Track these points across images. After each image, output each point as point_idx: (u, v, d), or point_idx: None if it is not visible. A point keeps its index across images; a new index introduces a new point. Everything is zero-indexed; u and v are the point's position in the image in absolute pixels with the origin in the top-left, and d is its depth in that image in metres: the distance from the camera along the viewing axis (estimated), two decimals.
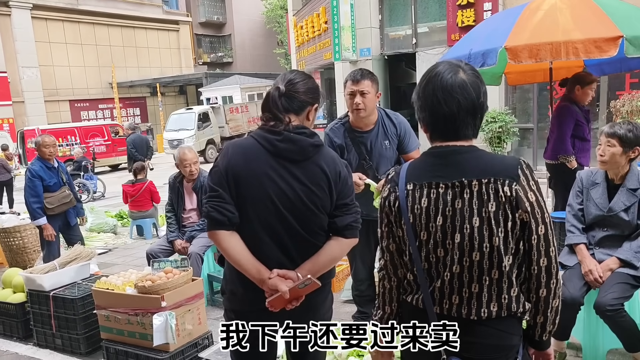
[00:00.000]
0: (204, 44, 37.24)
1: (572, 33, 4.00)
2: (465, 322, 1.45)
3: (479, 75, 1.48)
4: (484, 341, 1.45)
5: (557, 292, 1.45)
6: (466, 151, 1.47)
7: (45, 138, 5.10)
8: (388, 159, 3.26)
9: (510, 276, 1.42)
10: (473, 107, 1.45)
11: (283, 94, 1.87)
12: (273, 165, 1.83)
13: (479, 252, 1.41)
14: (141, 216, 7.66)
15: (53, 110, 25.10)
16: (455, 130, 1.47)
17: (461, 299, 1.45)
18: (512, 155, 1.45)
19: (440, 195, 1.45)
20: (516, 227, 1.40)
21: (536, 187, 1.42)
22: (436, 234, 1.46)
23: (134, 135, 10.93)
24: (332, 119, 15.64)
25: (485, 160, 1.45)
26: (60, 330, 3.76)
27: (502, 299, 1.43)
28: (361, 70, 3.18)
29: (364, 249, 3.40)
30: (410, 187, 1.50)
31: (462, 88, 1.43)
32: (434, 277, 1.49)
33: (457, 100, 1.43)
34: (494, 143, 9.83)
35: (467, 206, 1.42)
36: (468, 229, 1.42)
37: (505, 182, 1.39)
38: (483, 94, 1.47)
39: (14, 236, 6.19)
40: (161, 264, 3.59)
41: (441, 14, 11.75)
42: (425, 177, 1.49)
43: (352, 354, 3.10)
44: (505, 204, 1.39)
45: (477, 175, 1.41)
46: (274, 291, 1.78)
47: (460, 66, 1.47)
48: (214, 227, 1.83)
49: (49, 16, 25.26)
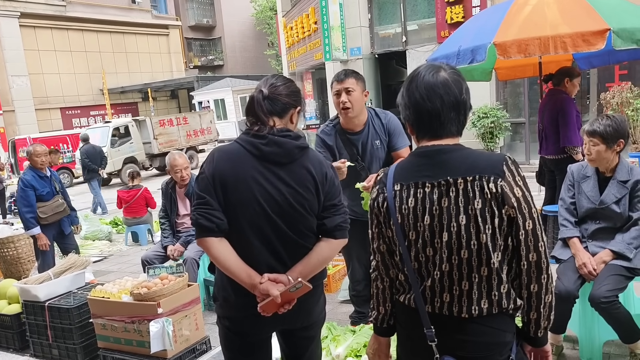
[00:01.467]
0: (195, 47, 37.18)
1: (560, 27, 4.02)
2: (457, 320, 1.45)
3: (460, 74, 1.52)
4: (476, 339, 1.45)
5: (549, 287, 1.45)
6: (452, 150, 1.48)
7: (36, 147, 5.08)
8: (380, 158, 3.26)
9: (500, 273, 1.42)
10: (456, 103, 1.47)
11: (266, 97, 1.88)
12: (259, 169, 1.83)
13: (467, 250, 1.42)
14: (136, 222, 7.64)
15: (44, 119, 24.96)
16: (440, 127, 1.48)
17: (452, 297, 1.45)
18: (498, 152, 1.47)
19: (426, 194, 1.46)
20: (503, 224, 1.41)
21: (522, 182, 1.43)
22: (424, 233, 1.47)
23: (88, 146, 11.34)
24: (324, 119, 15.66)
25: (471, 158, 1.45)
26: (56, 340, 3.74)
27: (493, 296, 1.43)
28: (345, 70, 3.21)
29: (360, 249, 3.41)
30: (398, 188, 1.51)
31: (444, 85, 1.47)
32: (425, 276, 1.49)
33: (440, 96, 1.46)
34: (487, 138, 9.87)
35: (453, 204, 1.42)
36: (455, 227, 1.42)
37: (491, 178, 1.40)
38: (465, 91, 1.50)
39: (8, 247, 6.14)
40: (156, 271, 3.58)
41: (430, 11, 11.78)
42: (412, 177, 1.50)
43: (350, 355, 3.10)
44: (492, 201, 1.39)
45: (463, 174, 1.42)
46: (266, 296, 1.78)
47: (441, 67, 1.52)
48: (203, 234, 1.82)
49: (37, 24, 25.11)
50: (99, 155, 11.28)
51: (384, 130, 3.26)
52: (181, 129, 18.38)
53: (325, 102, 15.70)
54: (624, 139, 2.79)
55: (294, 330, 2.03)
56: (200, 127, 19.22)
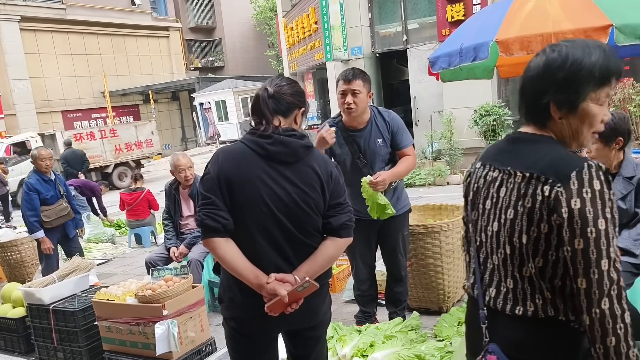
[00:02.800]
0: (195, 49, 37.16)
1: (562, 23, 4.00)
2: (505, 316, 1.38)
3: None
4: (519, 339, 1.36)
5: (609, 324, 1.21)
6: (530, 140, 1.39)
7: (41, 151, 5.08)
8: (382, 156, 3.26)
9: (540, 281, 1.31)
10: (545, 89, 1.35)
11: (271, 96, 1.89)
12: (265, 169, 1.83)
13: (510, 247, 1.35)
14: (139, 225, 7.65)
15: (46, 122, 24.96)
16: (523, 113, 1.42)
17: (498, 292, 1.40)
18: (584, 157, 1.30)
19: (493, 179, 1.43)
20: (553, 232, 1.27)
21: (592, 195, 1.22)
22: (482, 217, 1.44)
23: (68, 151, 11.71)
24: (325, 118, 15.62)
25: (542, 153, 1.33)
26: (62, 343, 3.74)
27: (537, 299, 1.32)
28: (353, 70, 3.17)
29: (364, 249, 3.40)
30: (478, 165, 1.51)
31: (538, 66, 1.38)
32: (481, 262, 1.47)
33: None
34: (489, 136, 9.85)
35: (507, 196, 1.36)
36: (503, 220, 1.36)
37: (548, 180, 1.27)
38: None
39: (12, 250, 6.16)
40: (161, 272, 3.58)
41: (431, 9, 11.76)
42: (490, 158, 1.47)
43: (357, 355, 3.09)
44: (542, 204, 1.27)
45: (524, 168, 1.33)
46: (273, 295, 1.77)
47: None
48: (209, 234, 1.82)
49: (37, 27, 25.12)
50: (80, 159, 11.58)
51: (388, 128, 3.25)
52: (107, 142, 16.22)
53: (327, 102, 15.66)
54: (623, 137, 2.77)
55: (301, 331, 2.02)
56: (137, 139, 17.17)
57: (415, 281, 3.85)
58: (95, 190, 9.15)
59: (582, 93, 1.31)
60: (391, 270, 3.49)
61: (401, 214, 3.32)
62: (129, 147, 17.00)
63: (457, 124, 10.48)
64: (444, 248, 3.74)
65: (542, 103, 1.35)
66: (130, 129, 17.55)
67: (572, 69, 1.30)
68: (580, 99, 1.32)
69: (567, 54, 1.32)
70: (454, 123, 10.48)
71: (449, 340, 3.30)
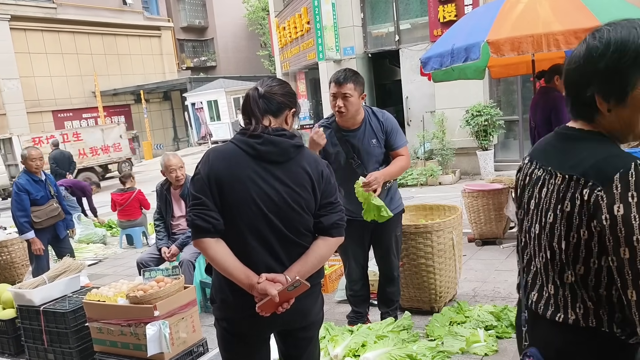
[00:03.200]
0: (187, 48, 37.03)
1: (552, 25, 4.05)
2: (546, 321, 1.30)
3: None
4: (560, 346, 1.28)
5: None
6: (576, 137, 1.27)
7: (31, 151, 5.04)
8: (376, 157, 3.26)
9: (586, 287, 1.22)
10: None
11: (262, 95, 1.89)
12: (255, 169, 1.83)
13: (550, 251, 1.26)
14: (130, 225, 7.61)
15: (36, 122, 24.76)
16: (573, 106, 1.28)
17: (540, 296, 1.32)
18: (631, 156, 1.15)
19: (537, 178, 1.32)
20: (594, 239, 1.17)
21: (637, 200, 1.09)
22: (526, 217, 1.36)
23: (56, 152, 11.74)
24: (318, 119, 15.64)
25: (587, 153, 1.21)
26: (52, 345, 3.71)
27: (577, 309, 1.23)
28: (345, 72, 3.14)
29: (357, 249, 3.41)
30: (526, 161, 1.41)
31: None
32: (525, 264, 1.39)
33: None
34: (480, 137, 9.89)
35: (548, 198, 1.26)
36: (544, 223, 1.27)
37: (588, 183, 1.15)
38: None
39: (2, 251, 6.11)
40: (152, 273, 3.57)
41: (423, 10, 11.79)
42: (537, 155, 1.37)
43: (348, 355, 3.10)
44: (582, 208, 1.16)
45: (566, 169, 1.22)
46: (264, 295, 1.77)
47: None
48: (199, 235, 1.81)
49: (27, 26, 24.91)
50: (68, 160, 11.53)
51: (382, 129, 3.26)
52: (70, 146, 15.03)
53: (319, 102, 15.66)
54: None
55: (293, 331, 2.02)
56: (103, 143, 16.54)
57: (407, 281, 3.87)
58: (86, 191, 9.10)
59: (630, 81, 1.16)
60: (383, 271, 3.50)
61: (395, 215, 3.33)
62: (94, 151, 16.43)
63: (449, 124, 10.52)
64: (435, 248, 3.76)
65: (586, 96, 1.21)
66: (96, 133, 16.89)
67: (614, 56, 1.15)
68: (629, 88, 1.17)
69: (609, 39, 1.17)
70: (446, 123, 10.52)
71: (441, 340, 3.31)
